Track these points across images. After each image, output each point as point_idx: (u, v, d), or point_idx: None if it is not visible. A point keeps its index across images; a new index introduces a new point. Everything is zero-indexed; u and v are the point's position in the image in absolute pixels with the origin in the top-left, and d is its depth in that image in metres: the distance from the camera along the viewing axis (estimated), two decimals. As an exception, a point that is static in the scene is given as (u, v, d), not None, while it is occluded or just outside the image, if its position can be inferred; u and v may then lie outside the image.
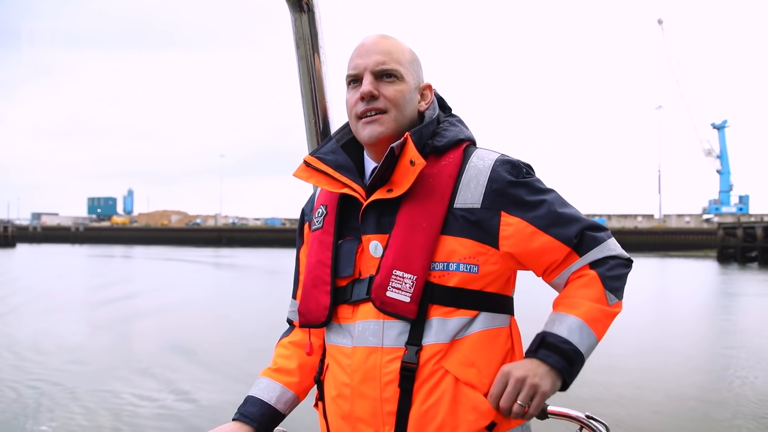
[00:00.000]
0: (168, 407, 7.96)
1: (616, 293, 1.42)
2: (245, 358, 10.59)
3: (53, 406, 7.89)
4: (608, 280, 1.41)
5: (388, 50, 1.46)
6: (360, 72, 1.45)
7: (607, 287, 1.40)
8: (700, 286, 28.64)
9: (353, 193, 1.43)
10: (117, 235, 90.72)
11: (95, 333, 13.77)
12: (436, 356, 1.35)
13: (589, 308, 1.38)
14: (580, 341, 1.36)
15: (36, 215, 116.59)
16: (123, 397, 8.34)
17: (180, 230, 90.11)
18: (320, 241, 1.49)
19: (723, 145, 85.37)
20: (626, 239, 70.96)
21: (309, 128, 1.84)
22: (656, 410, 7.83)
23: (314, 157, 1.48)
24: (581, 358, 1.37)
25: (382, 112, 1.43)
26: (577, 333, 1.36)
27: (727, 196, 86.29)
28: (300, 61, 1.78)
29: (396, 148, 1.37)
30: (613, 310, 1.41)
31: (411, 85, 1.48)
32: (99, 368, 9.99)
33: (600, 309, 1.39)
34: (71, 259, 47.57)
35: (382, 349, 1.36)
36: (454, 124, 1.52)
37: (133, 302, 19.15)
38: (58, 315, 16.41)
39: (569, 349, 1.34)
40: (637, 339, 12.26)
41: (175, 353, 11.24)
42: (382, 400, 1.35)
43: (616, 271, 1.43)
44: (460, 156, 1.44)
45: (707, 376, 9.93)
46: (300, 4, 1.71)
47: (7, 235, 70.77)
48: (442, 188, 1.40)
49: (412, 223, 1.38)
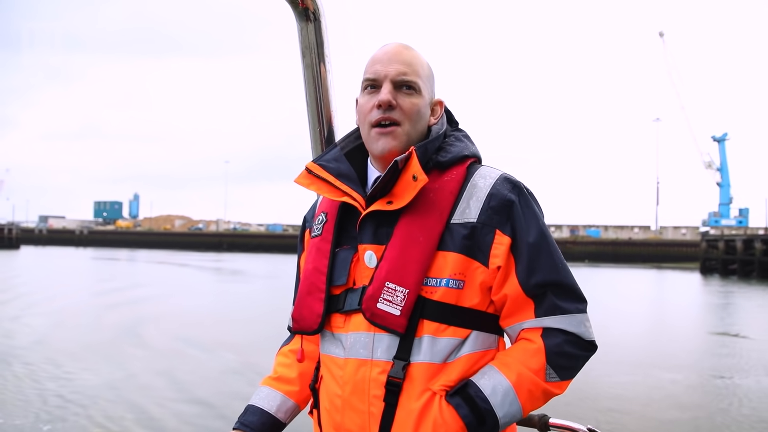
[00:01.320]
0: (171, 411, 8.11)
1: (559, 372, 1.36)
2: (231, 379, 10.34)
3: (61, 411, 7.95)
4: (554, 357, 1.35)
5: (409, 61, 1.45)
6: (380, 78, 1.44)
7: (550, 363, 1.35)
8: (674, 296, 29.31)
9: (353, 202, 1.42)
10: (120, 238, 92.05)
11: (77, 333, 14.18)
12: (425, 375, 1.34)
13: (523, 376, 1.34)
14: (500, 405, 1.32)
15: (43, 218, 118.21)
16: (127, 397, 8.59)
17: (182, 235, 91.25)
18: (318, 249, 1.49)
19: (723, 157, 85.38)
20: (620, 250, 71.64)
21: (314, 136, 1.85)
22: (658, 422, 7.91)
23: (316, 164, 1.48)
24: (495, 423, 1.32)
25: (396, 123, 1.43)
26: (500, 396, 1.33)
27: (727, 208, 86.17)
28: (306, 70, 1.79)
29: (400, 162, 1.37)
30: (550, 388, 1.36)
31: (426, 99, 1.47)
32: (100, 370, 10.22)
33: (534, 382, 1.34)
34: (70, 261, 48.72)
35: (372, 362, 1.35)
36: (460, 140, 1.51)
37: (125, 305, 19.61)
38: (43, 316, 16.86)
39: (484, 409, 1.32)
40: (634, 348, 12.58)
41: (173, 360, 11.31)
42: (369, 413, 1.35)
43: (567, 350, 1.36)
44: (463, 173, 1.43)
45: (703, 390, 10.15)
46: (306, 14, 1.73)
47: (11, 237, 72.39)
48: (442, 204, 1.39)
49: (409, 236, 1.37)
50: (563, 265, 1.40)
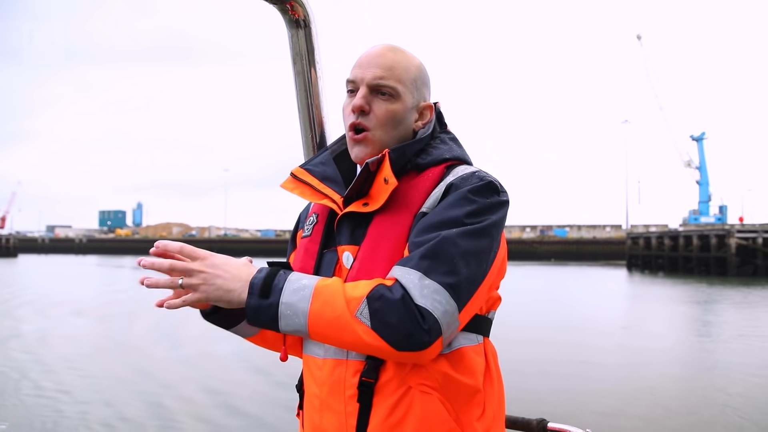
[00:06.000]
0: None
1: (371, 316, 1.20)
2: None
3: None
4: (374, 297, 1.21)
5: (390, 65, 1.42)
6: (357, 82, 1.43)
7: (368, 299, 1.21)
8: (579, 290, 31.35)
9: (332, 204, 1.43)
10: (118, 246, 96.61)
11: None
12: (400, 371, 1.29)
13: (332, 290, 1.24)
14: (290, 291, 1.24)
15: (50, 228, 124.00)
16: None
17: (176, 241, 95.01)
18: (306, 249, 1.49)
19: (702, 156, 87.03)
20: (584, 249, 74.31)
21: (305, 143, 1.85)
22: (658, 425, 7.96)
23: (302, 169, 1.50)
24: (276, 303, 1.23)
25: (370, 129, 1.41)
26: (296, 285, 1.25)
27: (707, 206, 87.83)
28: (297, 76, 1.80)
29: (371, 164, 1.36)
30: (353, 325, 1.21)
31: (407, 104, 1.43)
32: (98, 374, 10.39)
33: (341, 304, 1.22)
34: (58, 268, 50.70)
35: (347, 362, 1.33)
36: (445, 142, 1.47)
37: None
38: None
39: (275, 283, 1.25)
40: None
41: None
42: (346, 413, 1.33)
43: (388, 296, 1.21)
44: (440, 173, 1.40)
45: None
46: (296, 20, 1.73)
47: (8, 246, 77.22)
48: (414, 201, 1.37)
49: (380, 234, 1.35)
50: (468, 272, 1.26)
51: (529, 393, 8.71)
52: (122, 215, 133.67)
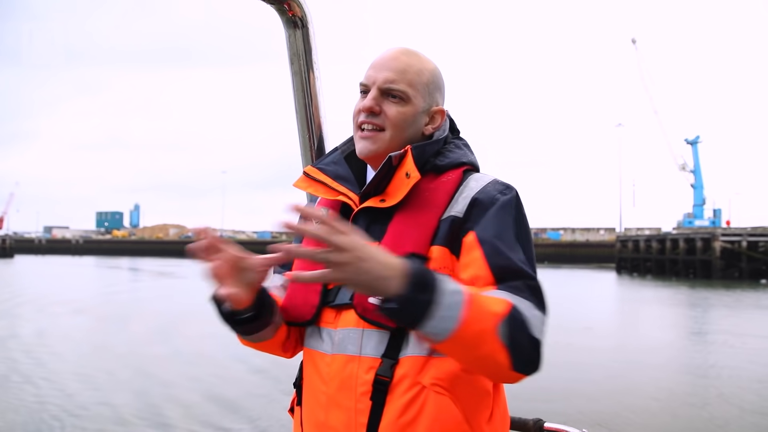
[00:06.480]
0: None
1: (512, 336, 1.18)
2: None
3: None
4: (514, 317, 1.19)
5: (403, 69, 1.43)
6: (369, 84, 1.44)
7: (509, 320, 1.18)
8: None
9: (347, 201, 1.44)
10: (113, 247, 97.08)
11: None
12: (413, 369, 1.29)
13: (481, 300, 1.18)
14: (449, 291, 1.13)
15: (48, 228, 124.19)
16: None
17: (171, 243, 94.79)
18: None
19: (696, 159, 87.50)
20: (576, 252, 74.92)
21: (303, 144, 1.85)
22: (655, 423, 8.05)
23: (315, 168, 1.51)
24: (430, 300, 1.12)
25: (379, 129, 1.43)
26: (452, 286, 1.15)
27: (701, 209, 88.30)
28: (294, 77, 1.80)
29: (394, 159, 1.38)
30: (494, 345, 1.17)
31: (418, 108, 1.45)
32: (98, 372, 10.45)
33: (489, 317, 1.16)
34: (54, 268, 50.63)
35: (360, 358, 1.32)
36: (460, 147, 1.50)
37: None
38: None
39: (431, 277, 1.13)
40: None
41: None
42: (356, 410, 1.31)
43: (529, 319, 1.20)
44: (459, 176, 1.42)
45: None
46: (294, 20, 1.73)
47: (5, 246, 77.18)
48: (437, 201, 1.38)
49: (401, 232, 1.36)
50: (524, 258, 1.30)
51: (525, 393, 9.04)
52: (119, 216, 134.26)
